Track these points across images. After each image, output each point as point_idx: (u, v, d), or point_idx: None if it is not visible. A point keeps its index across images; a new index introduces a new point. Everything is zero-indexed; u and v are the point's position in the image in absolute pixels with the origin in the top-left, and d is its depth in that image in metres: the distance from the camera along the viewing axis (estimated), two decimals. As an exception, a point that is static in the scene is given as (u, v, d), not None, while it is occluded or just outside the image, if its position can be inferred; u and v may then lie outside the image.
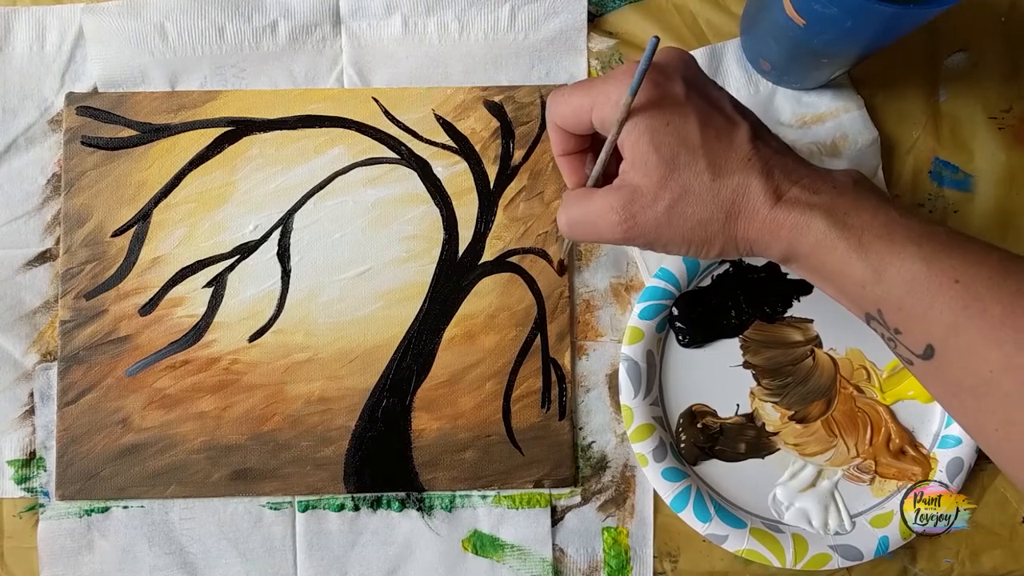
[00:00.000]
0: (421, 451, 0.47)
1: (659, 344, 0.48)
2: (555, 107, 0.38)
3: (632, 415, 0.46)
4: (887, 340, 0.34)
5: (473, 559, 0.47)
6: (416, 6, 0.49)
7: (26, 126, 0.48)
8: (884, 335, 0.34)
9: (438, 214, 0.48)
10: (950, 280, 0.31)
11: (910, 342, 0.33)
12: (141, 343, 0.47)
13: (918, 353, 0.33)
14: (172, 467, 0.46)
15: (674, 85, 0.35)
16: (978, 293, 0.31)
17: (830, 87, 0.49)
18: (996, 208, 0.49)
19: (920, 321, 0.32)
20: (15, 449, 0.47)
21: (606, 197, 0.36)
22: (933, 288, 0.31)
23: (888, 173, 0.49)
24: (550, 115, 0.38)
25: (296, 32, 0.49)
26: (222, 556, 0.47)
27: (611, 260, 0.49)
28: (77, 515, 0.47)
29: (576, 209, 0.37)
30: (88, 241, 0.47)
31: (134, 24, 0.48)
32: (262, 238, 0.48)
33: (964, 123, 0.50)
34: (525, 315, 0.48)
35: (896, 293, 0.32)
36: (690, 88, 0.35)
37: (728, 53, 0.50)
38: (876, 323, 0.34)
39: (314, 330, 0.47)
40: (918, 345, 0.32)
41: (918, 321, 0.32)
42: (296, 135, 0.48)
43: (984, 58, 0.50)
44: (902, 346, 0.33)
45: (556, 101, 0.37)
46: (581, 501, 0.48)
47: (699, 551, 0.47)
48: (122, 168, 0.48)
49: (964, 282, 0.31)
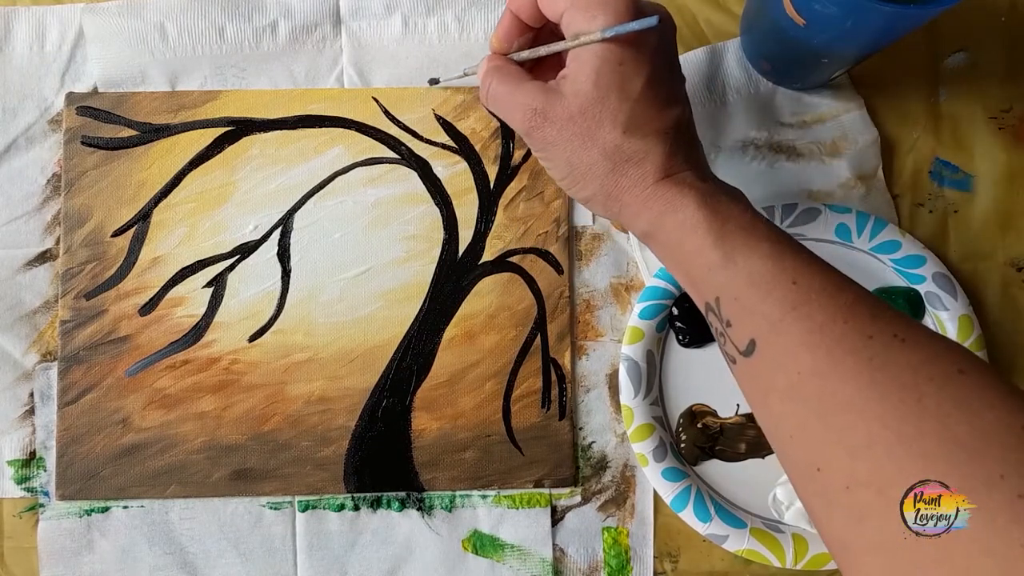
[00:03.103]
0: (421, 451, 0.47)
1: (659, 344, 0.48)
2: None
3: (632, 415, 0.46)
4: (718, 335, 0.36)
5: (473, 559, 0.47)
6: (416, 6, 0.49)
7: (26, 126, 0.48)
8: (717, 329, 0.35)
9: (438, 214, 0.48)
10: (788, 280, 0.33)
11: (737, 336, 0.34)
12: (141, 343, 0.47)
13: (741, 349, 0.34)
14: (172, 467, 0.46)
15: (649, 37, 0.35)
16: (809, 298, 0.32)
17: (830, 87, 0.49)
18: (996, 208, 0.49)
19: (751, 314, 0.33)
20: (15, 449, 0.47)
21: (533, 92, 0.37)
22: (771, 284, 0.33)
23: (888, 173, 0.49)
24: (511, 4, 0.39)
25: (296, 32, 0.49)
26: (222, 556, 0.47)
27: (611, 260, 0.49)
28: (77, 515, 0.47)
29: (503, 87, 0.38)
30: (88, 241, 0.47)
31: (134, 24, 0.48)
32: (262, 238, 0.48)
33: (964, 123, 0.50)
34: (525, 315, 0.48)
35: (738, 283, 0.33)
36: (660, 49, 0.36)
37: (728, 53, 0.50)
38: (712, 314, 0.35)
39: (314, 330, 0.47)
40: (743, 340, 0.34)
41: (749, 314, 0.33)
42: (296, 135, 0.48)
43: (984, 58, 0.50)
44: (729, 342, 0.35)
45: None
46: (581, 501, 0.48)
47: (699, 551, 0.47)
48: (122, 168, 0.48)
49: (800, 284, 0.32)
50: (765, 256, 0.33)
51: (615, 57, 0.35)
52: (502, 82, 0.38)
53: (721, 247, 0.34)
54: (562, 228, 0.48)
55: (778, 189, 0.49)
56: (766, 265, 0.33)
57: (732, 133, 0.49)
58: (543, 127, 0.37)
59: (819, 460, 0.31)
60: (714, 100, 0.49)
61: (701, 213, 0.34)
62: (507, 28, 0.40)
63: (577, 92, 0.36)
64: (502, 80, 0.38)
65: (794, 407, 0.32)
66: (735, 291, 0.34)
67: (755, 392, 0.34)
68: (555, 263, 0.48)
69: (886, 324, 0.31)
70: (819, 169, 0.49)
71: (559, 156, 0.37)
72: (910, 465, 0.28)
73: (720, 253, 0.34)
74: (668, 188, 0.35)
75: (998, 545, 0.26)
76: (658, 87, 0.36)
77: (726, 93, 0.50)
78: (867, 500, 0.29)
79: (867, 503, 0.29)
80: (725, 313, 0.34)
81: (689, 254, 0.35)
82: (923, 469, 0.28)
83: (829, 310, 0.32)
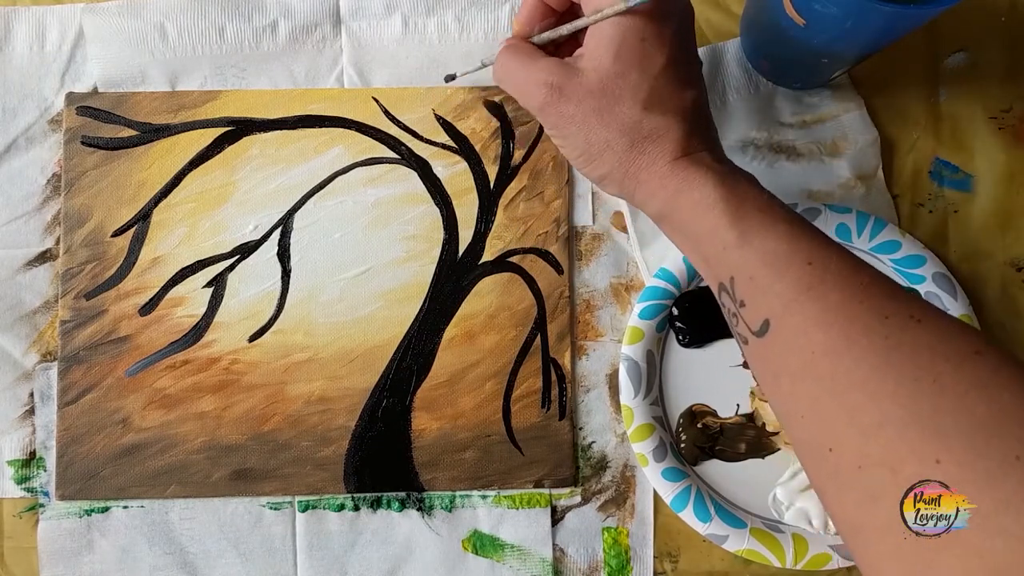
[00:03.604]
0: (421, 451, 0.47)
1: (659, 344, 0.48)
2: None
3: (632, 415, 0.46)
4: (731, 316, 0.35)
5: (473, 559, 0.47)
6: (416, 6, 0.49)
7: (26, 126, 0.48)
8: (730, 309, 0.35)
9: (438, 214, 0.48)
10: (803, 261, 0.32)
11: (750, 316, 0.34)
12: (141, 343, 0.47)
13: (755, 330, 0.33)
14: (172, 467, 0.46)
15: (671, 19, 0.35)
16: (824, 278, 0.32)
17: (830, 87, 0.49)
18: (996, 208, 0.49)
19: (765, 294, 0.33)
20: (15, 449, 0.47)
21: (549, 67, 0.36)
22: (787, 264, 0.32)
23: (888, 173, 0.49)
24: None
25: (296, 32, 0.49)
26: (222, 556, 0.47)
27: (611, 260, 0.49)
28: (77, 515, 0.47)
29: (517, 62, 0.38)
30: (88, 241, 0.47)
31: (134, 24, 0.48)
32: (262, 238, 0.48)
33: (964, 123, 0.50)
34: (525, 315, 0.48)
35: (753, 262, 0.33)
36: (680, 31, 0.36)
37: (728, 53, 0.50)
38: (726, 294, 0.35)
39: (314, 330, 0.47)
40: (756, 320, 0.33)
41: (763, 294, 0.33)
42: (296, 135, 0.48)
43: (984, 58, 0.50)
44: (743, 323, 0.34)
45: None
46: (581, 501, 0.48)
47: (699, 551, 0.47)
48: (122, 168, 0.48)
49: (816, 265, 0.32)
50: (781, 236, 0.33)
51: (637, 32, 0.34)
52: (517, 58, 0.38)
53: (737, 227, 0.33)
54: (562, 228, 0.48)
55: (778, 189, 0.48)
56: (781, 245, 0.33)
57: (732, 133, 0.49)
58: (559, 103, 0.36)
59: (831, 440, 0.30)
60: (714, 100, 0.49)
61: (718, 192, 0.34)
62: (530, 10, 0.39)
63: (597, 67, 0.35)
64: (517, 56, 0.38)
65: (807, 387, 0.31)
66: (750, 271, 0.33)
67: (767, 373, 0.34)
68: (555, 263, 0.48)
69: (902, 305, 0.31)
70: (819, 169, 0.49)
71: (575, 133, 0.36)
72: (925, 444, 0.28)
73: (736, 233, 0.33)
74: (686, 167, 0.35)
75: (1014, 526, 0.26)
76: (678, 66, 0.35)
77: (726, 93, 0.50)
78: (879, 480, 0.29)
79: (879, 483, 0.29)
80: (739, 293, 0.34)
81: (704, 233, 0.35)
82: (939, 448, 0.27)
83: (845, 290, 0.31)
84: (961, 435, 0.27)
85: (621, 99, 0.35)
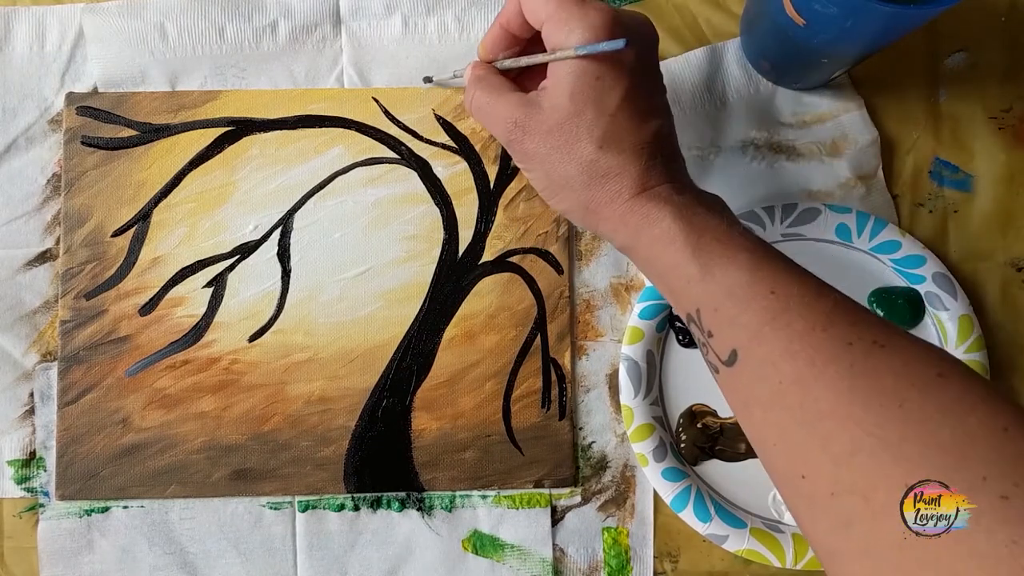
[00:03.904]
0: (421, 451, 0.47)
1: (659, 344, 0.48)
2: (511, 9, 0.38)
3: (632, 415, 0.46)
4: (701, 345, 0.36)
5: (473, 559, 0.47)
6: (416, 6, 0.49)
7: (26, 126, 0.48)
8: (699, 339, 0.35)
9: (438, 214, 0.48)
10: (767, 290, 0.33)
11: (719, 346, 0.34)
12: (141, 343, 0.47)
13: (723, 359, 0.34)
14: (172, 467, 0.46)
15: (628, 51, 0.35)
16: (788, 306, 0.32)
17: (830, 87, 0.49)
18: (996, 208, 0.49)
19: (731, 325, 0.33)
20: (15, 449, 0.47)
21: (513, 104, 0.37)
22: (750, 294, 0.33)
23: (888, 173, 0.49)
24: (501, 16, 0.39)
25: (296, 32, 0.49)
26: (222, 556, 0.47)
27: (611, 260, 0.49)
28: (77, 515, 0.47)
29: (486, 97, 0.39)
30: (88, 241, 0.47)
31: (134, 24, 0.48)
32: (262, 238, 0.48)
33: (964, 123, 0.50)
34: (525, 315, 0.48)
35: (716, 295, 0.34)
36: (639, 64, 0.36)
37: (728, 53, 0.50)
38: (694, 325, 0.35)
39: (314, 330, 0.47)
40: (725, 350, 0.34)
41: (729, 325, 0.33)
42: (296, 135, 0.48)
43: (984, 58, 0.50)
44: (712, 352, 0.35)
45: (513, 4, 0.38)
46: (581, 501, 0.48)
47: (699, 551, 0.47)
48: (122, 168, 0.48)
49: (779, 294, 0.32)
50: (743, 267, 0.33)
51: (592, 72, 0.35)
52: (485, 92, 0.39)
53: (698, 260, 0.34)
54: (562, 228, 0.48)
55: (778, 189, 0.49)
56: (744, 276, 0.33)
57: (732, 133, 0.49)
58: (523, 139, 0.37)
59: (803, 468, 0.31)
60: (714, 100, 0.49)
61: (677, 226, 0.34)
62: (495, 38, 0.40)
63: (554, 106, 0.36)
64: (485, 90, 0.39)
65: (777, 416, 0.32)
66: (714, 303, 0.34)
67: (738, 402, 0.34)
68: (555, 263, 0.48)
69: (866, 330, 0.31)
70: (819, 169, 0.49)
71: (538, 168, 0.38)
72: (894, 470, 0.28)
73: (697, 266, 0.34)
74: (644, 203, 0.35)
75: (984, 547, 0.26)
76: (636, 101, 0.36)
77: (726, 93, 0.50)
78: (853, 506, 0.29)
79: (853, 509, 0.29)
80: (706, 324, 0.34)
81: (667, 267, 0.35)
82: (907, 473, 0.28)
83: (808, 318, 0.32)
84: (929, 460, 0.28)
85: (578, 138, 0.36)
